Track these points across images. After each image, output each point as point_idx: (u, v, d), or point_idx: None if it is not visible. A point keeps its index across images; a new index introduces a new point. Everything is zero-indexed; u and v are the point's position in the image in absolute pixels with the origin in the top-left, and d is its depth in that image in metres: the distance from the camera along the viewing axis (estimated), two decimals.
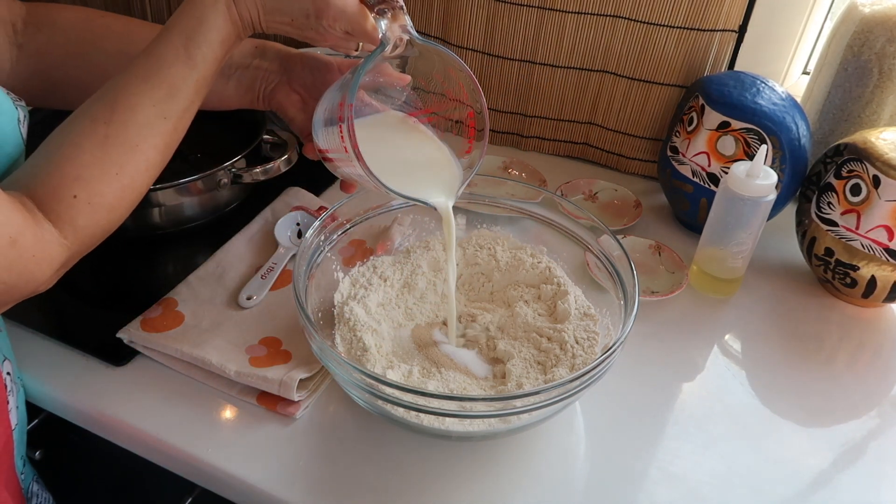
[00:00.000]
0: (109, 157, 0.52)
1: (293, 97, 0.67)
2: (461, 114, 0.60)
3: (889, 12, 0.79)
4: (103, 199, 0.52)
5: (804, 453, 0.63)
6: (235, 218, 0.82)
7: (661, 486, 0.59)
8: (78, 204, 0.51)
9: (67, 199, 0.51)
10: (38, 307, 0.72)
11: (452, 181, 0.61)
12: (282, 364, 0.64)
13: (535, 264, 0.72)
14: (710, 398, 0.67)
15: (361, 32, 0.55)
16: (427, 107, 0.62)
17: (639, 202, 0.88)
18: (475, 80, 0.57)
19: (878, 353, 0.74)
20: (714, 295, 0.78)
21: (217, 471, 0.59)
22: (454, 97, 0.59)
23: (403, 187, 0.57)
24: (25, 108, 0.58)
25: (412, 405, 0.54)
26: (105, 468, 0.77)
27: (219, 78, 0.59)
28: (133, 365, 0.67)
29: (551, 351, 0.64)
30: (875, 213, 0.71)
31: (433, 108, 0.62)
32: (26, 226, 0.48)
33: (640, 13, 0.85)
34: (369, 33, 0.54)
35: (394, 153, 0.61)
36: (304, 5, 0.54)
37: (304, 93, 0.67)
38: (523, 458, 0.61)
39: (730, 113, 0.78)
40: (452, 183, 0.61)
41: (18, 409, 0.62)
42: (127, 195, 0.54)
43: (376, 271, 0.72)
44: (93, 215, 0.52)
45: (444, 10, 0.93)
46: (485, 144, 0.60)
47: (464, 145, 0.61)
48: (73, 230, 0.51)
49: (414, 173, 0.61)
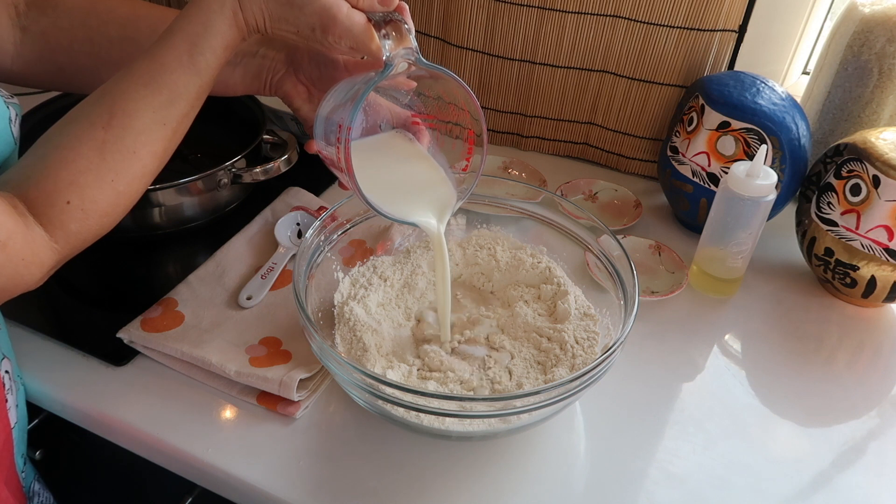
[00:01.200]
0: (106, 164, 0.51)
1: (300, 88, 0.66)
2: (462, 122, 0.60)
3: (889, 12, 0.79)
4: (97, 206, 0.51)
5: (804, 453, 0.63)
6: (235, 218, 0.82)
7: (661, 486, 0.59)
8: (71, 209, 0.50)
9: (60, 204, 0.50)
10: (39, 307, 0.72)
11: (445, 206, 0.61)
12: (282, 364, 0.64)
13: (535, 264, 0.72)
14: (710, 398, 0.67)
15: (366, 52, 0.54)
16: (429, 112, 0.62)
17: (639, 202, 0.88)
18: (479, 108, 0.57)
19: (878, 353, 0.74)
20: (714, 295, 0.78)
21: (217, 471, 0.59)
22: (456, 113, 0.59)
23: (394, 209, 0.58)
24: (18, 107, 0.58)
25: (412, 405, 0.54)
26: (105, 468, 0.77)
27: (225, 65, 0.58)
28: (133, 365, 0.67)
29: (551, 351, 0.64)
30: (875, 213, 0.71)
31: (435, 114, 0.62)
32: (16, 229, 0.48)
33: (640, 13, 0.85)
34: (374, 53, 0.53)
35: (389, 176, 0.61)
36: (311, 20, 0.53)
37: (311, 85, 0.66)
38: (523, 458, 0.61)
39: (730, 113, 0.78)
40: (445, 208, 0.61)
41: (18, 408, 0.62)
42: (122, 201, 0.53)
43: (376, 271, 0.72)
44: (85, 221, 0.51)
45: (444, 10, 0.93)
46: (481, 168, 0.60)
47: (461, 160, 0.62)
48: (64, 235, 0.51)
49: (407, 196, 0.61)
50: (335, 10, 0.52)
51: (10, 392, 0.60)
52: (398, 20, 0.54)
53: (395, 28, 0.53)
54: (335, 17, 0.52)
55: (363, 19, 0.53)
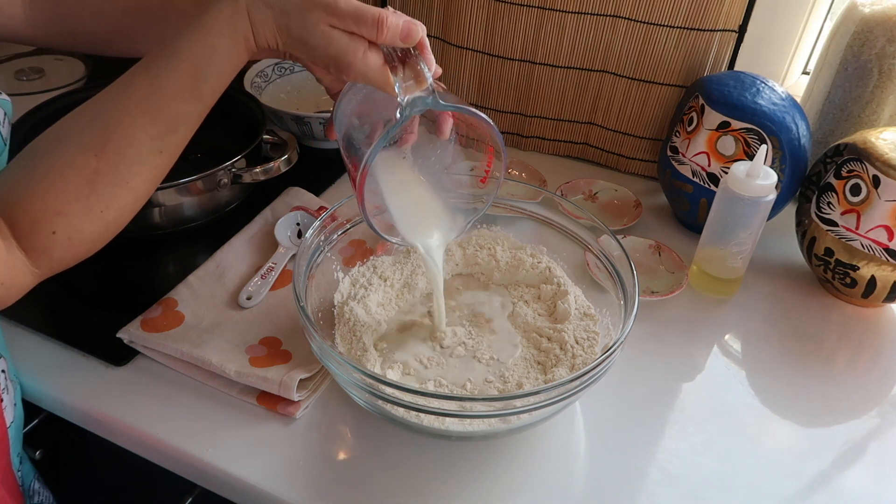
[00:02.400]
0: (97, 194, 0.49)
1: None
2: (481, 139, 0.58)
3: (889, 12, 0.79)
4: (83, 236, 0.49)
5: (804, 453, 0.63)
6: (235, 218, 0.82)
7: (661, 486, 0.59)
8: (56, 239, 0.48)
9: (46, 232, 0.48)
10: (39, 307, 0.72)
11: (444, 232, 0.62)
12: (282, 364, 0.64)
13: (535, 264, 0.72)
14: (710, 398, 0.67)
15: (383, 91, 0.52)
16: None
17: (639, 202, 0.88)
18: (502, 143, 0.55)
19: (878, 353, 0.74)
20: (714, 295, 0.78)
21: (217, 471, 0.59)
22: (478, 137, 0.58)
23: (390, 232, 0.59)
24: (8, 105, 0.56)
25: (412, 405, 0.54)
26: (105, 468, 0.77)
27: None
28: (133, 365, 0.67)
29: (551, 351, 0.64)
30: (875, 213, 0.71)
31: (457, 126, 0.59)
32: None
33: (640, 13, 0.85)
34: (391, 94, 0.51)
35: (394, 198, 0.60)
36: (326, 61, 0.51)
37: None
38: (523, 458, 0.61)
39: (730, 113, 0.78)
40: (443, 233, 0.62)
41: (16, 407, 0.62)
42: (110, 230, 0.51)
43: (376, 271, 0.72)
44: (70, 249, 0.50)
45: (444, 10, 0.93)
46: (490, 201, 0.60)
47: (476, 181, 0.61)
48: (47, 261, 0.49)
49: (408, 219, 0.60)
50: (350, 57, 0.50)
51: (6, 391, 0.60)
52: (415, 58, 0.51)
53: (412, 68, 0.51)
54: (350, 63, 0.50)
55: (379, 63, 0.50)
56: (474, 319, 0.69)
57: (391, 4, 0.98)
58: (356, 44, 0.49)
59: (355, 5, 0.49)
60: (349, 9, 0.48)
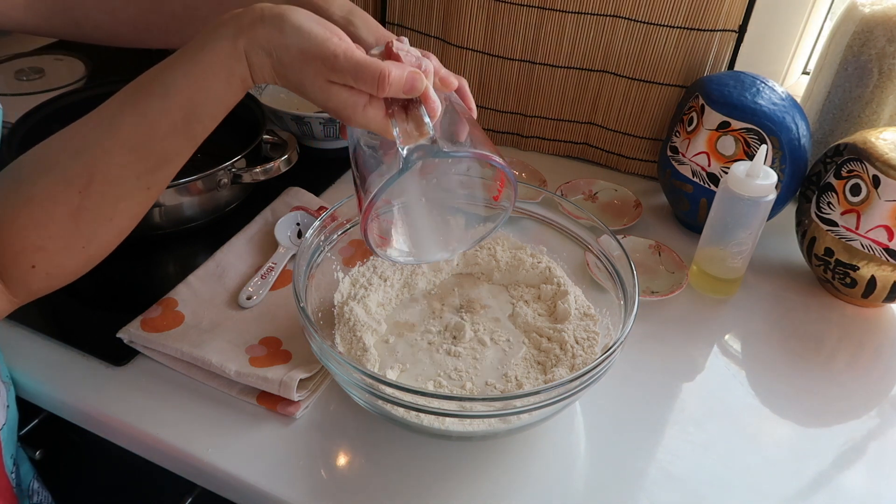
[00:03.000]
0: (79, 231, 0.47)
1: None
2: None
3: (889, 12, 0.79)
4: (63, 270, 0.49)
5: (804, 453, 0.63)
6: (235, 218, 0.82)
7: (661, 486, 0.59)
8: (35, 273, 0.47)
9: (25, 266, 0.47)
10: (38, 307, 0.72)
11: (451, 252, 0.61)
12: (282, 364, 0.64)
13: (535, 264, 0.72)
14: (710, 398, 0.67)
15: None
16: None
17: (639, 202, 0.88)
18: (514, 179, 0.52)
19: (878, 353, 0.74)
20: (714, 295, 0.78)
21: (217, 471, 0.59)
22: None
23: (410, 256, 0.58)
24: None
25: (412, 405, 0.54)
26: (105, 468, 0.77)
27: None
28: (133, 365, 0.67)
29: (551, 351, 0.64)
30: (875, 213, 0.71)
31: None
32: None
33: (640, 13, 0.85)
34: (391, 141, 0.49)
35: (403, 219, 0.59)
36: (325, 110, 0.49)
37: None
38: (523, 458, 0.61)
39: (730, 113, 0.78)
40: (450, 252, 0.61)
41: (9, 409, 0.61)
42: (91, 262, 0.51)
43: (376, 271, 0.72)
44: (48, 282, 0.49)
45: (444, 10, 0.93)
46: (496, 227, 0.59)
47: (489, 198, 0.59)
48: (25, 292, 0.49)
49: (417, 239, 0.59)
50: (350, 112, 0.48)
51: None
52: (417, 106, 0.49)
53: (414, 118, 0.49)
54: (350, 117, 0.48)
55: (380, 116, 0.48)
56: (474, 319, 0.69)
57: (391, 7, 0.98)
58: (356, 98, 0.47)
59: (356, 60, 0.46)
60: (349, 65, 0.46)
